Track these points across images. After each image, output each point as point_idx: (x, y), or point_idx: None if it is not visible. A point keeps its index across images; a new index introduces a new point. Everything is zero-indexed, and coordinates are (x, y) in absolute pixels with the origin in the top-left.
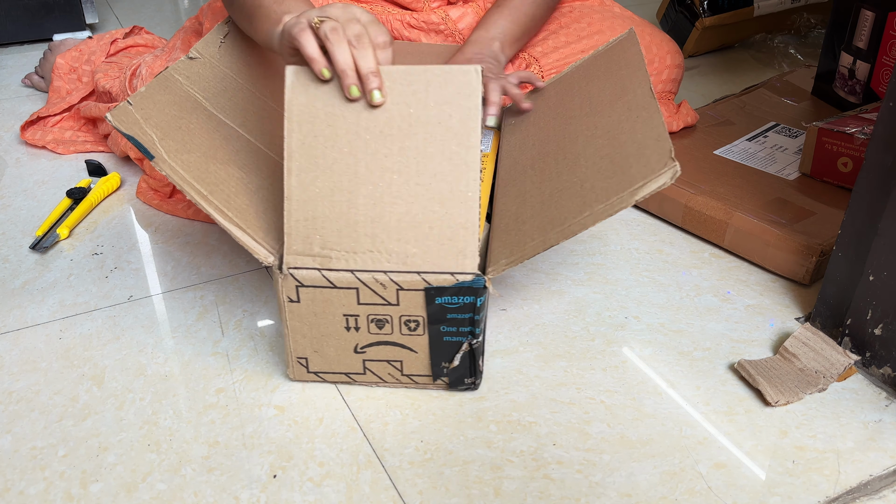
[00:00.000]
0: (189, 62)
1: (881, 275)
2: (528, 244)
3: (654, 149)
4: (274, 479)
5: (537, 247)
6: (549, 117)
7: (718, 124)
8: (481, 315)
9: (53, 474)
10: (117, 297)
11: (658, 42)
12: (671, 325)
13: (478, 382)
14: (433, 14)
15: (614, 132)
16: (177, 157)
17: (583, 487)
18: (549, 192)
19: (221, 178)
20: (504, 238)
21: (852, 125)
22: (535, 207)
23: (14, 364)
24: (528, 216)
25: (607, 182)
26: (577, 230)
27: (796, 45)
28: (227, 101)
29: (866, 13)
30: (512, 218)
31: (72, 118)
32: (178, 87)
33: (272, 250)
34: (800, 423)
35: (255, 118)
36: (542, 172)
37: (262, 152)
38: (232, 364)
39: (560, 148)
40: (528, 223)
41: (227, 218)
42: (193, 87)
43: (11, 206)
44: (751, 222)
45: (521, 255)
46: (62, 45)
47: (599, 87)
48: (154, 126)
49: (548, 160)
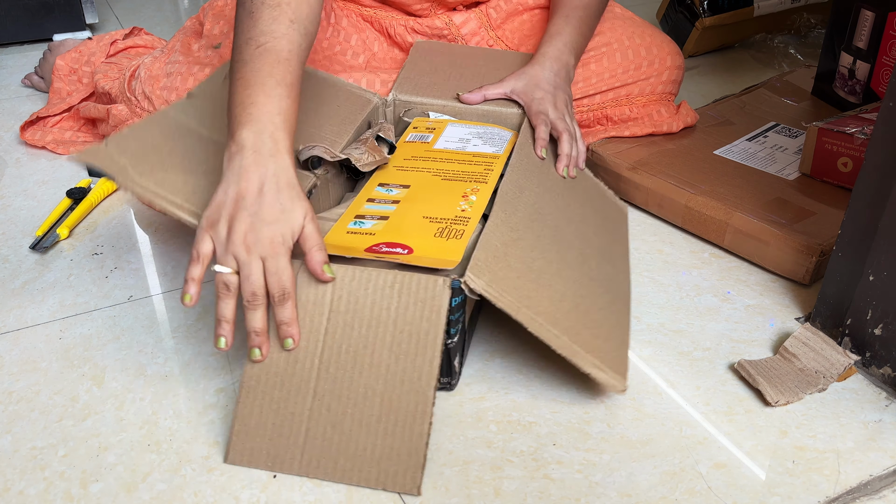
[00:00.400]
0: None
1: (881, 275)
2: (504, 297)
3: (616, 352)
4: (274, 479)
5: (510, 307)
6: (556, 194)
7: (718, 124)
8: (456, 316)
9: (53, 474)
10: (117, 297)
11: (658, 43)
12: (671, 325)
13: (454, 383)
14: (437, 19)
15: (594, 287)
16: (149, 176)
17: (583, 487)
18: (536, 269)
19: (201, 188)
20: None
21: (852, 125)
22: (522, 266)
23: (14, 364)
24: (514, 265)
25: (578, 327)
26: (543, 335)
27: (796, 45)
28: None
29: (866, 13)
30: (503, 244)
31: (71, 118)
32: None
33: None
34: (800, 423)
35: None
36: (536, 235)
37: None
38: (232, 364)
39: (555, 231)
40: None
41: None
42: (188, 118)
43: (11, 206)
44: (751, 222)
45: (496, 299)
46: (62, 46)
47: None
48: (128, 155)
49: (543, 230)
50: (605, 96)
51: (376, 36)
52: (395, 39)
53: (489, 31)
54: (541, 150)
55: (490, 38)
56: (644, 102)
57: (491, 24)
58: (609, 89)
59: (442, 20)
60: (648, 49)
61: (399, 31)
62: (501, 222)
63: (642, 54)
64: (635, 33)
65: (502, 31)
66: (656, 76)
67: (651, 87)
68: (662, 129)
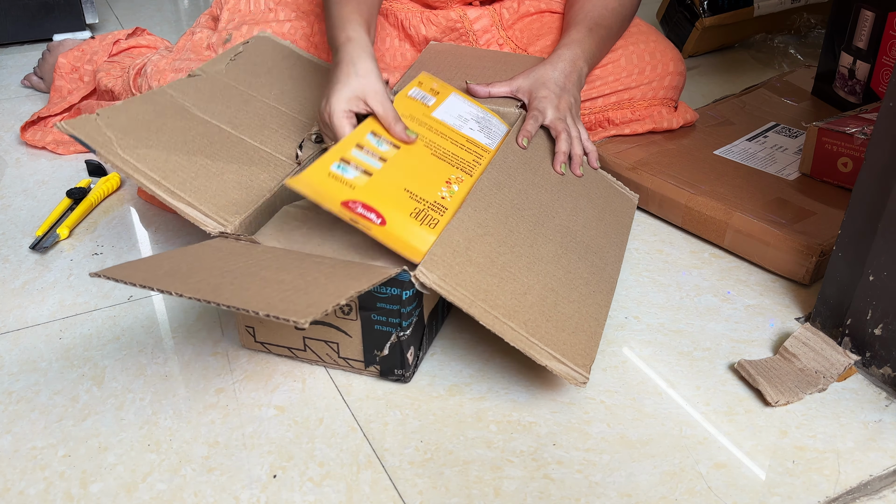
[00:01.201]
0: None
1: (881, 275)
2: (458, 291)
3: (584, 344)
4: (274, 480)
5: (463, 301)
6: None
7: (718, 124)
8: (408, 309)
9: (53, 474)
10: (117, 297)
11: (662, 49)
12: (671, 325)
13: (408, 376)
14: (452, 11)
15: (572, 279)
16: (132, 151)
17: (583, 487)
18: (501, 263)
19: (181, 166)
20: (448, 253)
21: (852, 125)
22: (485, 261)
23: (14, 364)
24: (476, 259)
25: (540, 320)
26: (496, 328)
27: (796, 45)
28: (221, 105)
29: (866, 13)
30: (465, 240)
31: (72, 118)
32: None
33: (225, 223)
34: (800, 423)
35: (247, 116)
36: (508, 230)
37: (243, 143)
38: (232, 364)
39: (534, 226)
40: (472, 269)
41: (176, 197)
42: (185, 98)
43: (11, 206)
44: (751, 222)
45: (448, 293)
46: (61, 46)
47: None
48: (116, 129)
49: (519, 225)
50: (608, 100)
51: (388, 31)
52: (409, 32)
53: (500, 31)
54: (522, 140)
55: (500, 37)
56: (645, 106)
57: (503, 23)
58: (612, 93)
59: (457, 13)
60: (652, 54)
61: (414, 22)
62: (468, 218)
63: (646, 59)
64: (639, 39)
65: (512, 32)
66: (658, 81)
67: (653, 91)
68: (663, 126)
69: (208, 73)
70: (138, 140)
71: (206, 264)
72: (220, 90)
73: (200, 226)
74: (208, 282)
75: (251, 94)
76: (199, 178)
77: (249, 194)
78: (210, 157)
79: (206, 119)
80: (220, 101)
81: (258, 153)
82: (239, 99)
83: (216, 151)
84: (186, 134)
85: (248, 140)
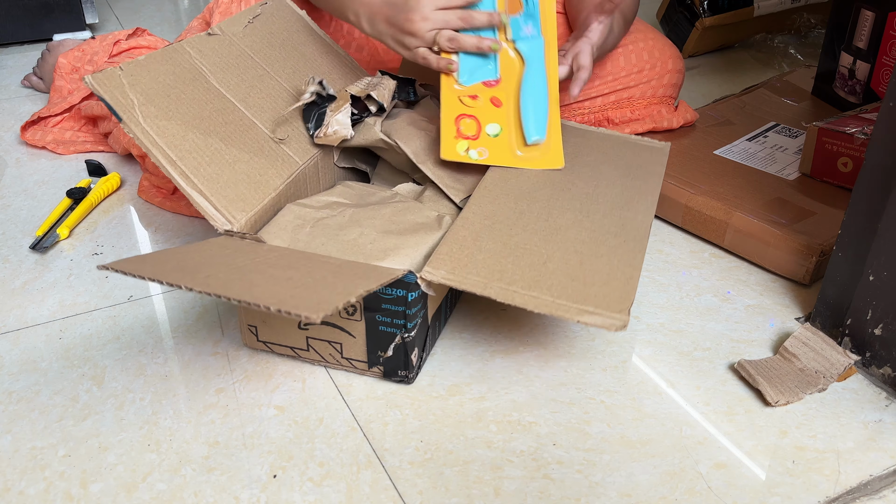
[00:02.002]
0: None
1: (881, 275)
2: (469, 278)
3: (619, 291)
4: (274, 479)
5: (476, 286)
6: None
7: (718, 124)
8: (414, 310)
9: (53, 474)
10: (117, 297)
11: (661, 47)
12: (671, 325)
13: (411, 377)
14: None
15: (598, 236)
16: (153, 122)
17: (583, 487)
18: (514, 243)
19: (197, 147)
20: (454, 249)
21: (852, 125)
22: (497, 246)
23: (14, 364)
24: (486, 247)
25: (565, 281)
26: (517, 301)
27: (796, 45)
28: (236, 77)
29: (866, 13)
30: (472, 234)
31: (72, 118)
32: (184, 59)
33: (232, 220)
34: (800, 423)
35: (260, 95)
36: (518, 213)
37: (255, 128)
38: (232, 364)
39: (548, 202)
40: (482, 256)
41: (189, 183)
42: (203, 60)
43: (11, 206)
44: (751, 222)
45: (460, 282)
46: (61, 46)
47: (608, 180)
48: (139, 92)
49: (531, 206)
50: (607, 99)
51: None
52: None
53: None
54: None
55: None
56: (645, 104)
57: None
58: (611, 92)
59: None
60: (651, 52)
61: None
62: (473, 214)
63: (644, 58)
64: (637, 37)
65: None
66: (657, 79)
67: (652, 89)
68: (663, 126)
69: (226, 34)
70: (159, 109)
71: (214, 260)
72: (236, 58)
73: (208, 218)
74: (217, 277)
75: (265, 69)
76: (212, 164)
77: (257, 191)
78: (224, 141)
79: (222, 92)
80: (235, 72)
81: (268, 144)
82: (253, 73)
83: (230, 134)
84: (203, 108)
85: (260, 126)
